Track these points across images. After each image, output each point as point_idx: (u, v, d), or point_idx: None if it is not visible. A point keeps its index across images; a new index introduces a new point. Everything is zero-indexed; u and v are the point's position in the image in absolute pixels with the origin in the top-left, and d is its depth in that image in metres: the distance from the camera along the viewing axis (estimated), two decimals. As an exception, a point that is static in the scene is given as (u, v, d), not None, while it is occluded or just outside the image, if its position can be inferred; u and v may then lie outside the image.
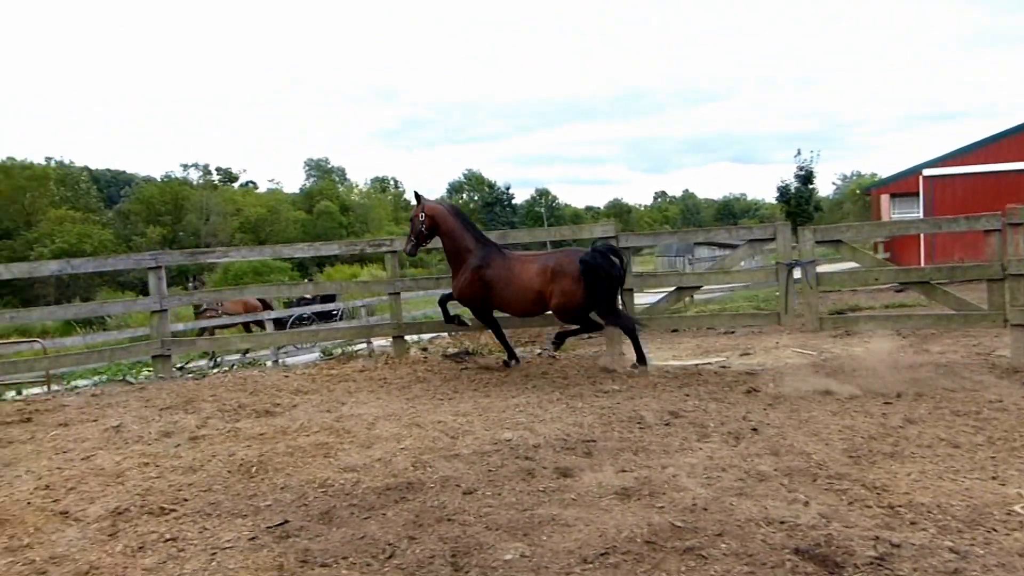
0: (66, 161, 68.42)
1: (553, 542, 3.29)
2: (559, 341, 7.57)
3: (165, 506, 3.96)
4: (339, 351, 8.77)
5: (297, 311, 18.02)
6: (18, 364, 8.38)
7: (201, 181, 76.42)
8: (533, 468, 4.33)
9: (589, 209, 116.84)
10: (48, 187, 58.11)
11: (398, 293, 8.38)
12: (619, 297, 7.31)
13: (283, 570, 3.15)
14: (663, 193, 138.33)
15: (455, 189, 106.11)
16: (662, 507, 3.64)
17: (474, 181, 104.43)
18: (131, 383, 7.65)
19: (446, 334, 10.69)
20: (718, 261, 8.89)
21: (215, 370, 7.99)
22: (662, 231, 15.07)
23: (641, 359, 7.17)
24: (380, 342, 10.22)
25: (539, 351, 8.68)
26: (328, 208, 74.41)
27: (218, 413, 6.19)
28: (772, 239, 7.67)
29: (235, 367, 8.10)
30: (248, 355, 11.90)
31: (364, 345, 9.71)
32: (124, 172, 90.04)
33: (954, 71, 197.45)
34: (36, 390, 9.55)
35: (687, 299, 10.76)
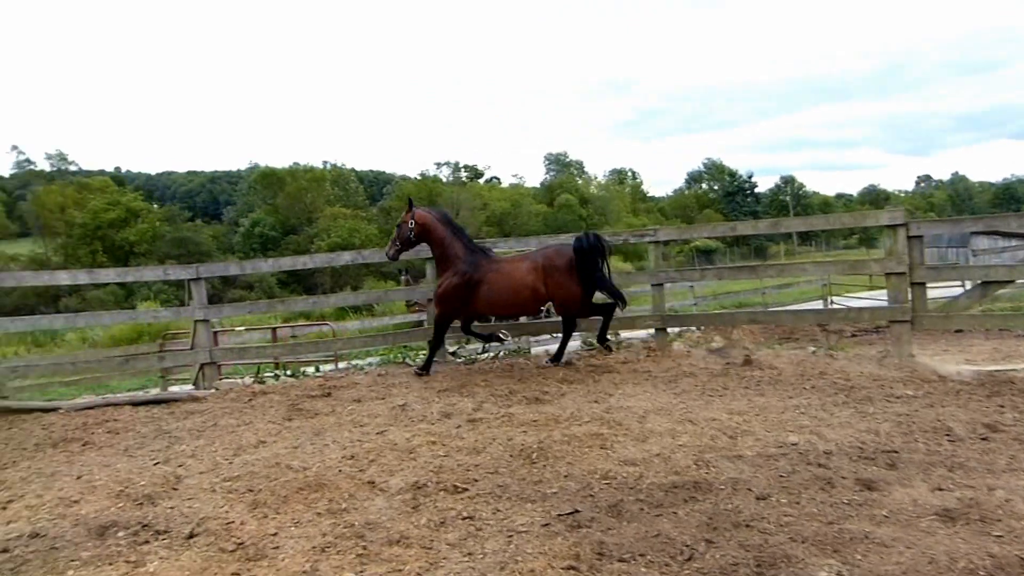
0: (338, 164, 76.09)
1: (870, 563, 2.98)
2: (559, 355, 7.72)
3: (458, 485, 4.13)
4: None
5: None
6: (319, 344, 9.29)
7: (451, 178, 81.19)
8: (830, 477, 3.99)
9: (840, 196, 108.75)
10: (325, 187, 65.04)
11: (662, 284, 8.23)
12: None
13: (580, 560, 3.13)
14: (927, 177, 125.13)
15: (694, 179, 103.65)
16: (1000, 536, 3.17)
17: (714, 170, 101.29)
18: (410, 365, 8.20)
19: (695, 328, 10.36)
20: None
21: (483, 356, 8.35)
22: (962, 218, 13.03)
23: (603, 338, 7.79)
24: (627, 334, 10.11)
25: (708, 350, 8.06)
26: (568, 201, 75.79)
27: (491, 398, 6.42)
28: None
29: (501, 354, 8.39)
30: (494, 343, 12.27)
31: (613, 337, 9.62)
32: (384, 172, 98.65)
33: None
34: (326, 367, 10.61)
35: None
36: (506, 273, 7.43)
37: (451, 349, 8.64)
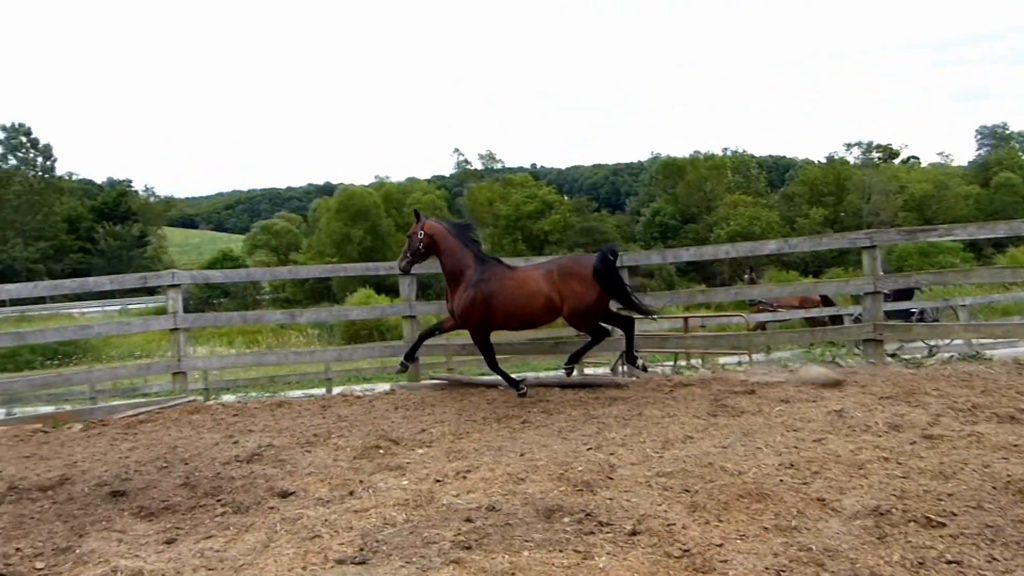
0: (739, 150, 74.48)
1: None
2: (573, 360, 7.45)
3: (931, 517, 3.46)
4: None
5: (859, 309, 15.25)
6: (739, 337, 8.96)
7: (861, 160, 74.48)
8: None
9: None
10: (725, 175, 64.37)
11: None
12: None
13: None
14: None
15: None
16: None
17: None
18: (840, 365, 7.43)
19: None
20: None
21: (931, 360, 7.24)
22: None
23: (632, 358, 7.22)
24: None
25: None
26: (1009, 180, 64.63)
27: (948, 411, 5.45)
28: None
29: (954, 358, 7.19)
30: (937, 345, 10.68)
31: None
32: (785, 157, 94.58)
33: None
34: (724, 360, 10.23)
35: None
36: (520, 281, 7.00)
37: (890, 350, 7.66)
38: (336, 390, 9.13)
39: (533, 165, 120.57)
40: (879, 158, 76.56)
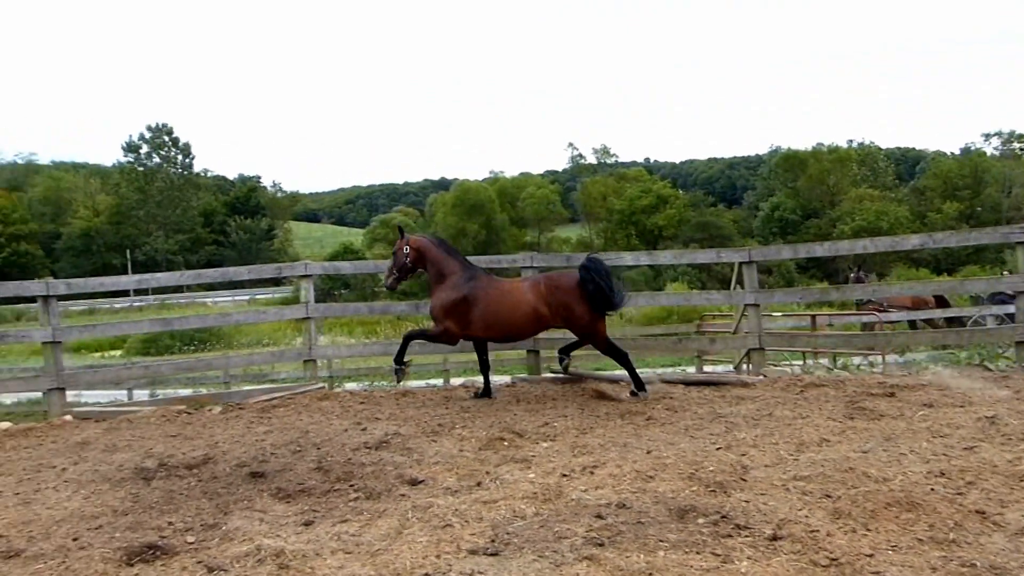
0: (865, 142, 70.84)
1: None
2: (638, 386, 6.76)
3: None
4: None
5: (977, 311, 13.87)
6: (866, 337, 8.51)
7: (1000, 151, 69.37)
8: None
9: None
10: (850, 168, 61.39)
11: None
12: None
13: None
14: None
15: None
16: None
17: None
18: (989, 370, 6.93)
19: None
20: None
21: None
22: None
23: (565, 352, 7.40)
24: None
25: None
26: None
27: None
28: None
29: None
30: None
31: None
32: (913, 149, 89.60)
33: None
34: (855, 360, 9.70)
35: None
36: (506, 291, 6.95)
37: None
38: (455, 381, 9.25)
39: (647, 159, 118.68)
40: (1021, 149, 71.13)
